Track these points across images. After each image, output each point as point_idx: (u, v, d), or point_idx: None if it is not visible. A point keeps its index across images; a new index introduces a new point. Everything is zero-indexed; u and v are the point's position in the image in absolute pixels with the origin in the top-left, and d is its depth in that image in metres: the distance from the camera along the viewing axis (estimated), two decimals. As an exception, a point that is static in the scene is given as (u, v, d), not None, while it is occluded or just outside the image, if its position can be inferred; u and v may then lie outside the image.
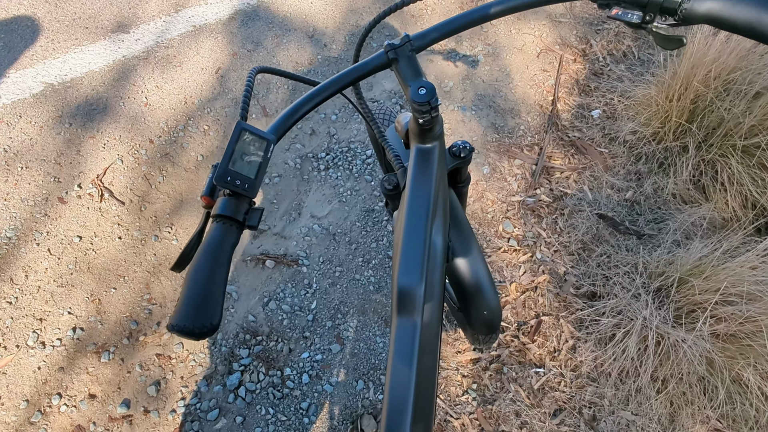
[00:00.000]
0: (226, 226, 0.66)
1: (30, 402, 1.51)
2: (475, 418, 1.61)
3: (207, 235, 0.66)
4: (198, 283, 0.61)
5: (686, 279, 1.64)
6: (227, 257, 0.65)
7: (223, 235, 0.65)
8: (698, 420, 1.61)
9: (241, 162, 0.68)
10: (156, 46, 2.32)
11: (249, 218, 0.68)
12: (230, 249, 0.65)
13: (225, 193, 0.68)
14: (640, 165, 2.19)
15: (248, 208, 0.69)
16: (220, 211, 0.67)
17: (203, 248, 0.64)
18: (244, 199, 0.68)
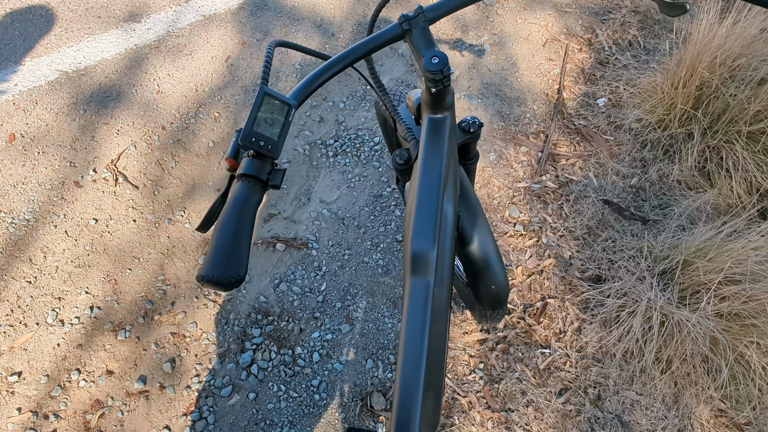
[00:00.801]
0: (251, 185, 0.70)
1: (50, 377, 1.56)
2: (482, 396, 1.64)
3: (232, 194, 0.70)
4: (225, 237, 0.65)
5: (691, 261, 1.67)
6: (252, 214, 0.68)
7: (248, 194, 0.69)
8: (702, 400, 1.64)
9: (265, 125, 0.72)
10: (167, 35, 2.36)
11: (272, 178, 0.72)
12: (254, 207, 0.69)
13: (249, 154, 0.72)
14: (645, 152, 2.21)
15: (271, 169, 0.73)
16: (245, 171, 0.70)
17: (229, 206, 0.68)
18: (267, 159, 0.72)
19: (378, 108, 1.44)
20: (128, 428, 1.51)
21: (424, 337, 0.74)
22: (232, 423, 1.53)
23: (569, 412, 1.62)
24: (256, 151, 0.71)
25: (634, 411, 1.63)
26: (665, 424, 1.61)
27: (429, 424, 0.74)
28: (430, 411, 0.73)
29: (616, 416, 1.62)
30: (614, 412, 1.62)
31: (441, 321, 0.78)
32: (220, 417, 1.54)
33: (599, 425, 1.60)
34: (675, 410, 1.64)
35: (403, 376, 0.72)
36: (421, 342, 0.74)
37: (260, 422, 1.54)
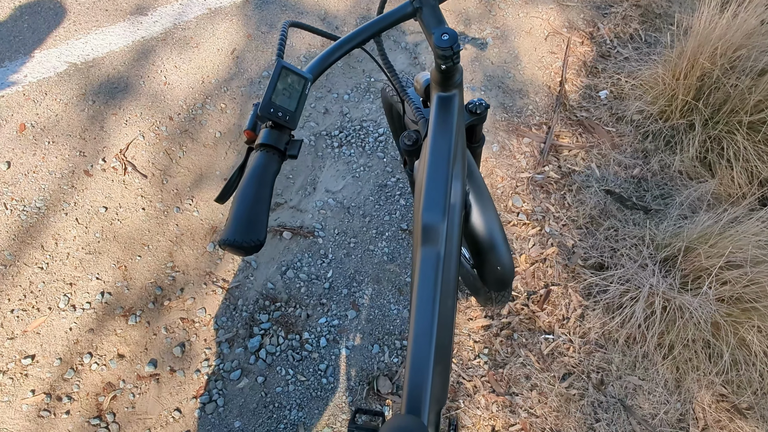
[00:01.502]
0: (269, 154, 0.72)
1: (63, 360, 1.58)
2: (487, 380, 1.67)
3: (251, 164, 0.72)
4: (245, 204, 0.68)
5: (692, 247, 1.69)
6: (270, 183, 0.71)
7: (266, 163, 0.72)
8: (703, 385, 1.67)
9: (282, 97, 0.74)
10: (173, 27, 2.38)
11: (290, 148, 0.75)
12: (273, 176, 0.72)
13: (267, 125, 0.75)
14: (647, 143, 2.24)
15: (289, 139, 0.75)
16: (263, 140, 0.73)
17: (248, 174, 0.71)
18: (285, 130, 0.75)
19: (384, 95, 1.46)
20: (140, 410, 1.53)
21: (435, 306, 0.76)
22: (242, 405, 1.56)
23: (572, 396, 1.64)
24: (274, 121, 0.74)
25: (637, 395, 1.66)
26: (667, 408, 1.64)
27: (437, 400, 0.77)
28: (438, 387, 0.76)
29: (619, 400, 1.64)
30: (617, 396, 1.65)
31: (449, 296, 0.80)
32: (230, 400, 1.57)
33: (602, 409, 1.63)
34: (677, 395, 1.66)
35: (414, 345, 0.74)
36: (432, 311, 0.76)
37: (269, 405, 1.57)
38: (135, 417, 1.52)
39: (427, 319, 0.75)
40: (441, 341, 0.77)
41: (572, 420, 1.61)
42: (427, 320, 0.75)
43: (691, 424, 1.62)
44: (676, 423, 1.62)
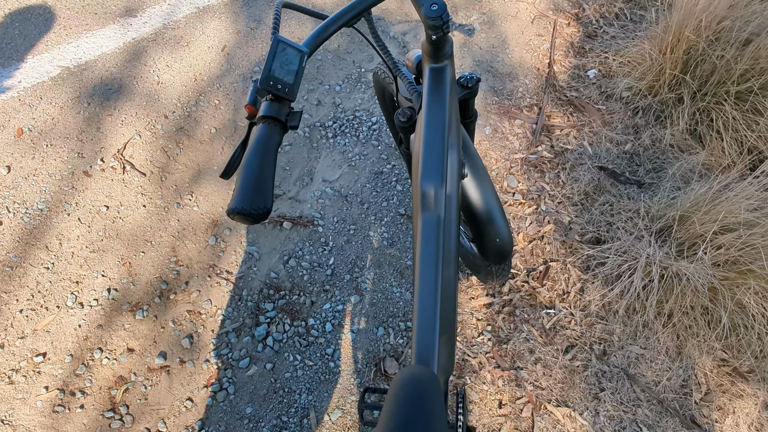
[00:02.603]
0: (271, 126, 0.75)
1: (74, 356, 1.61)
2: (492, 356, 1.70)
3: (253, 137, 0.75)
4: (251, 173, 0.70)
5: (686, 216, 1.73)
6: (274, 153, 0.74)
7: (269, 134, 0.74)
8: (704, 351, 1.70)
9: (281, 70, 0.77)
10: (163, 27, 2.40)
11: (290, 119, 0.77)
12: (275, 147, 0.74)
13: (267, 98, 0.77)
14: (637, 119, 2.27)
15: (289, 111, 0.78)
16: (265, 113, 0.76)
17: (252, 146, 0.73)
18: (285, 102, 0.77)
19: (376, 78, 1.48)
20: (152, 401, 1.56)
21: (438, 266, 0.78)
22: (252, 392, 1.58)
23: (576, 368, 1.68)
24: (274, 94, 0.76)
25: (639, 364, 1.69)
26: (670, 375, 1.67)
27: (444, 370, 0.79)
28: (445, 356, 0.78)
29: (622, 370, 1.67)
30: (620, 366, 1.68)
31: (451, 263, 0.83)
32: (240, 387, 1.59)
33: (606, 379, 1.66)
34: (678, 362, 1.69)
35: (420, 302, 0.76)
36: (435, 271, 0.78)
37: (279, 390, 1.59)
38: (148, 408, 1.55)
39: (430, 278, 0.78)
40: (445, 310, 0.79)
41: (577, 391, 1.64)
42: (431, 280, 0.78)
43: (694, 390, 1.66)
44: (679, 389, 1.65)
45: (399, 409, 0.64)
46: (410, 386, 0.67)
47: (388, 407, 0.65)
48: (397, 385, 0.67)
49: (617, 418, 1.60)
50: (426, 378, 0.67)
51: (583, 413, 1.60)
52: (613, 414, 1.60)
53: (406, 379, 0.67)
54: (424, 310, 0.75)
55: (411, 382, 0.67)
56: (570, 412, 1.60)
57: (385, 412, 0.65)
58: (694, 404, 1.64)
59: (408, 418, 0.63)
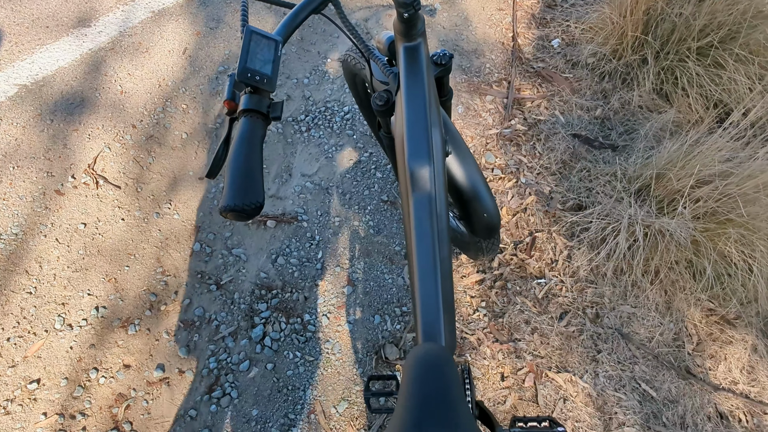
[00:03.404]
0: (253, 119, 0.74)
1: (69, 379, 1.57)
2: (489, 331, 1.71)
3: (236, 132, 0.73)
4: (238, 169, 0.69)
5: (663, 173, 1.76)
6: (259, 146, 0.72)
7: (252, 128, 0.73)
8: (692, 303, 1.75)
9: (257, 61, 0.76)
10: (120, 35, 2.34)
11: (272, 110, 0.76)
12: (260, 140, 0.73)
13: (247, 91, 0.76)
14: (604, 83, 2.30)
15: (270, 102, 0.77)
16: (245, 106, 0.74)
17: (237, 141, 0.72)
18: (265, 93, 0.76)
19: (346, 65, 1.46)
20: (155, 414, 1.54)
21: (435, 243, 0.78)
22: (256, 394, 1.57)
23: (572, 333, 1.71)
24: (252, 86, 0.75)
25: (632, 323, 1.73)
26: (662, 329, 1.71)
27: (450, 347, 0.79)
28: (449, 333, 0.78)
29: (616, 330, 1.71)
30: (613, 326, 1.71)
31: (445, 243, 0.82)
32: (243, 390, 1.58)
33: (601, 340, 1.69)
34: (669, 316, 1.74)
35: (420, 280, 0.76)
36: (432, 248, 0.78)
37: (282, 389, 1.59)
38: (152, 422, 1.53)
39: (428, 257, 0.78)
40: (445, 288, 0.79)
41: (575, 355, 1.67)
42: (428, 258, 0.77)
43: (686, 341, 1.70)
44: (672, 342, 1.70)
45: (419, 386, 0.64)
46: (425, 362, 0.67)
47: (407, 386, 0.65)
48: (412, 364, 0.68)
49: (616, 377, 1.63)
50: (438, 352, 0.68)
51: (583, 376, 1.63)
52: (612, 374, 1.64)
53: (420, 356, 0.68)
54: (426, 289, 0.75)
55: (426, 358, 0.68)
56: (570, 376, 1.63)
57: (405, 391, 0.65)
58: (687, 355, 1.68)
59: (429, 393, 0.63)
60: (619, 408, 1.59)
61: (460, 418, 0.62)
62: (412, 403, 0.62)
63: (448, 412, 0.61)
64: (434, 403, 0.62)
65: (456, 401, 0.63)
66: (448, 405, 0.62)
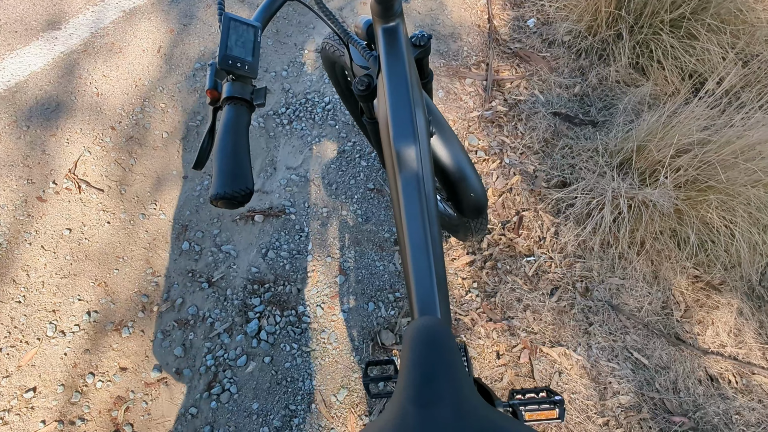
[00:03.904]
0: (237, 106, 0.74)
1: (66, 386, 1.56)
2: (482, 311, 1.73)
3: (221, 120, 0.73)
4: (226, 156, 0.69)
5: (643, 145, 1.79)
6: (245, 133, 0.73)
7: (237, 115, 0.73)
8: (677, 271, 1.79)
9: (237, 48, 0.76)
10: (92, 36, 2.30)
11: (256, 97, 0.76)
12: (246, 127, 0.73)
13: (229, 78, 0.76)
14: (581, 60, 2.32)
15: (253, 89, 0.77)
16: (228, 94, 0.74)
17: (222, 129, 0.72)
18: (247, 80, 0.76)
19: (325, 53, 1.45)
20: (156, 415, 1.53)
21: (425, 224, 0.79)
22: (255, 388, 1.58)
23: (563, 308, 1.73)
24: (234, 73, 0.75)
25: (621, 294, 1.76)
26: (650, 299, 1.75)
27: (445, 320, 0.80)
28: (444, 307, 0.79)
29: (606, 302, 1.74)
30: (603, 299, 1.74)
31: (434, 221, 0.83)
32: (242, 385, 1.58)
33: (592, 313, 1.72)
34: (656, 285, 1.77)
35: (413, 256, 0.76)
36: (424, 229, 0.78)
37: (281, 381, 1.59)
38: (153, 423, 1.52)
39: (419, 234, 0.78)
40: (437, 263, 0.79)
41: (568, 329, 1.69)
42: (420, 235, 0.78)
43: (674, 309, 1.74)
44: (660, 310, 1.73)
45: (418, 359, 0.65)
46: (423, 335, 0.68)
47: (408, 359, 0.66)
48: (410, 338, 0.68)
49: (608, 348, 1.67)
50: (436, 325, 0.69)
51: (576, 349, 1.66)
52: (604, 345, 1.67)
53: (418, 330, 0.68)
54: (418, 265, 0.76)
55: (423, 331, 0.68)
56: (564, 350, 1.66)
57: (406, 365, 0.66)
58: (676, 322, 1.72)
59: (430, 365, 0.64)
60: (613, 377, 1.62)
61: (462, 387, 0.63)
62: (412, 376, 0.63)
63: (450, 383, 0.62)
64: (435, 375, 0.63)
65: (457, 372, 0.64)
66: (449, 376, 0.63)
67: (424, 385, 0.62)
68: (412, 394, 0.62)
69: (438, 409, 0.60)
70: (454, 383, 0.63)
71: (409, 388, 0.62)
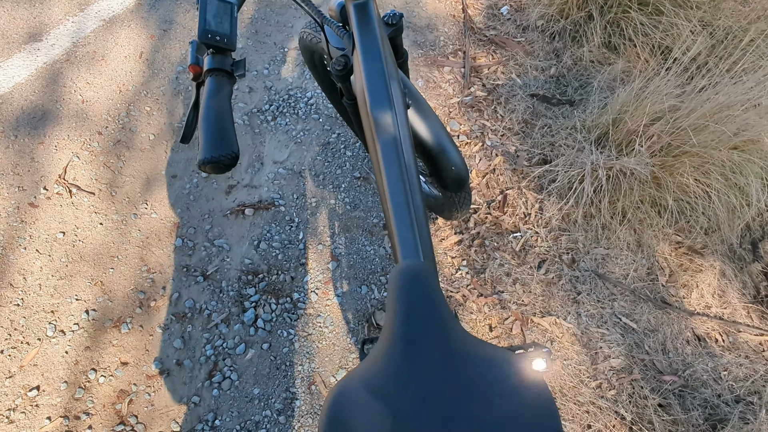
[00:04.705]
0: (219, 77, 0.78)
1: (68, 382, 1.58)
2: (473, 287, 1.78)
3: (204, 91, 0.78)
4: (210, 123, 0.74)
5: (618, 118, 1.85)
6: (228, 101, 0.77)
7: (219, 86, 0.77)
8: (660, 239, 1.84)
9: (215, 23, 0.80)
10: (73, 46, 2.32)
11: (236, 68, 0.81)
12: (228, 96, 0.78)
13: (209, 52, 0.80)
14: (555, 43, 2.38)
15: (233, 61, 0.81)
16: (210, 66, 0.79)
17: (206, 100, 0.76)
18: (227, 53, 0.81)
19: (303, 42, 1.49)
20: (159, 406, 1.56)
21: (404, 177, 0.82)
22: (255, 374, 1.61)
23: (552, 280, 1.78)
24: (214, 47, 0.80)
25: (607, 263, 1.81)
26: (635, 266, 1.80)
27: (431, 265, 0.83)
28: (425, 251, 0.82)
29: (592, 271, 1.79)
30: (590, 269, 1.80)
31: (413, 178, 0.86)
32: (243, 372, 1.61)
33: (580, 283, 1.77)
34: (640, 253, 1.83)
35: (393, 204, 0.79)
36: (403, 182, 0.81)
37: (281, 366, 1.62)
38: (157, 413, 1.55)
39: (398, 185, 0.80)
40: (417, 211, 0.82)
41: (557, 299, 1.74)
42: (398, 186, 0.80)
43: (659, 274, 1.79)
44: (646, 277, 1.78)
45: (404, 300, 0.69)
46: (407, 277, 0.71)
47: (393, 300, 0.70)
48: (395, 280, 0.72)
49: (597, 315, 1.71)
50: (419, 267, 0.72)
51: (566, 318, 1.71)
52: (593, 312, 1.72)
53: (401, 273, 0.72)
54: (399, 213, 0.79)
55: (407, 273, 0.72)
56: (555, 319, 1.70)
57: (390, 308, 0.69)
58: (661, 287, 1.77)
59: (415, 305, 0.68)
60: (604, 342, 1.67)
61: (448, 324, 0.67)
62: (399, 316, 0.67)
63: (436, 320, 0.66)
64: (421, 314, 0.67)
65: (441, 310, 0.68)
66: (435, 314, 0.67)
67: (410, 322, 0.66)
68: (399, 330, 0.65)
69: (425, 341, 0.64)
70: (440, 320, 0.67)
71: (396, 326, 0.66)
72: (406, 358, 0.62)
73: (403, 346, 0.63)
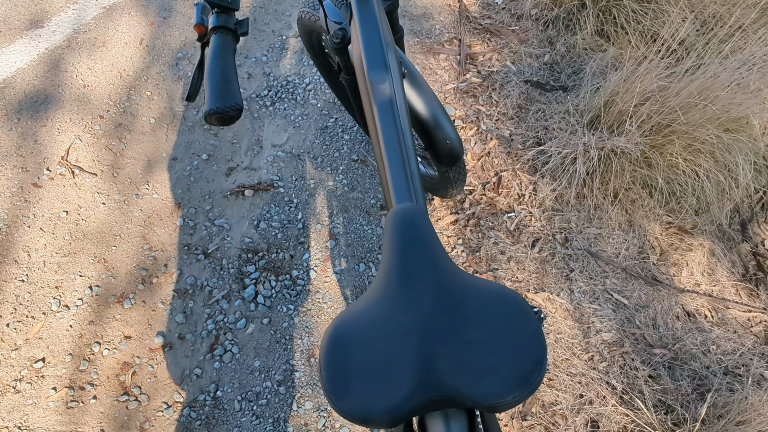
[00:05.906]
0: (223, 35, 0.83)
1: (73, 355, 1.62)
2: (468, 265, 1.82)
3: (210, 48, 0.82)
4: (216, 77, 0.78)
5: (610, 100, 1.89)
6: (232, 57, 0.81)
7: (223, 42, 0.82)
8: (651, 219, 1.89)
9: None
10: (74, 32, 2.36)
11: (239, 27, 0.86)
12: (232, 53, 0.82)
13: (214, 11, 0.85)
14: (549, 31, 2.42)
15: (236, 20, 0.86)
16: (215, 24, 0.83)
17: (211, 56, 0.80)
18: (231, 12, 0.85)
19: (301, 23, 1.52)
20: (162, 377, 1.60)
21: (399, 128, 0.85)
22: (256, 347, 1.65)
23: (545, 258, 1.82)
24: (219, 6, 0.84)
25: (599, 242, 1.86)
26: (627, 245, 1.84)
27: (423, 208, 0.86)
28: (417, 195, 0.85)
29: (585, 250, 1.83)
30: (582, 247, 1.84)
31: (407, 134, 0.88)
32: (243, 346, 1.65)
33: (573, 261, 1.82)
34: (631, 233, 1.87)
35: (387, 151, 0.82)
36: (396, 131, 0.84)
37: (280, 339, 1.66)
38: (160, 384, 1.59)
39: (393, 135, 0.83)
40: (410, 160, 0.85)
41: (550, 276, 1.79)
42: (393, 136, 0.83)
43: (650, 253, 1.84)
44: (637, 255, 1.83)
45: (399, 237, 0.72)
46: (402, 219, 0.74)
47: (389, 241, 0.73)
48: (389, 223, 0.75)
49: (589, 291, 1.76)
50: (413, 209, 0.76)
51: (559, 294, 1.75)
52: (586, 289, 1.76)
53: (396, 215, 0.75)
54: (393, 160, 0.82)
55: (402, 215, 0.75)
56: (548, 295, 1.75)
57: (387, 247, 0.73)
58: (652, 265, 1.82)
59: (410, 245, 0.71)
60: (596, 317, 1.71)
61: (441, 259, 0.71)
62: (395, 253, 0.71)
63: (430, 256, 0.70)
64: (416, 250, 0.70)
65: (435, 247, 0.72)
66: (429, 250, 0.71)
67: (405, 257, 0.70)
68: (395, 266, 0.69)
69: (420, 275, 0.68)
70: (432, 253, 0.71)
71: (393, 262, 0.70)
72: (403, 290, 0.66)
73: (399, 280, 0.67)
